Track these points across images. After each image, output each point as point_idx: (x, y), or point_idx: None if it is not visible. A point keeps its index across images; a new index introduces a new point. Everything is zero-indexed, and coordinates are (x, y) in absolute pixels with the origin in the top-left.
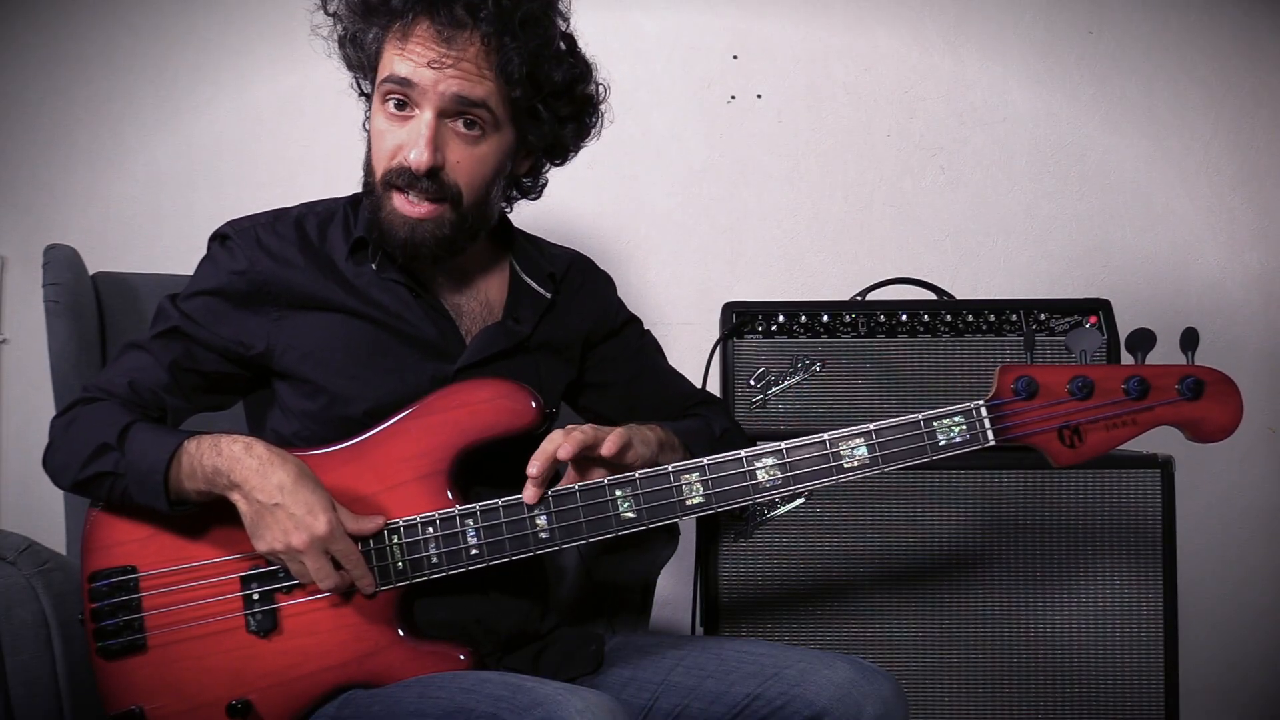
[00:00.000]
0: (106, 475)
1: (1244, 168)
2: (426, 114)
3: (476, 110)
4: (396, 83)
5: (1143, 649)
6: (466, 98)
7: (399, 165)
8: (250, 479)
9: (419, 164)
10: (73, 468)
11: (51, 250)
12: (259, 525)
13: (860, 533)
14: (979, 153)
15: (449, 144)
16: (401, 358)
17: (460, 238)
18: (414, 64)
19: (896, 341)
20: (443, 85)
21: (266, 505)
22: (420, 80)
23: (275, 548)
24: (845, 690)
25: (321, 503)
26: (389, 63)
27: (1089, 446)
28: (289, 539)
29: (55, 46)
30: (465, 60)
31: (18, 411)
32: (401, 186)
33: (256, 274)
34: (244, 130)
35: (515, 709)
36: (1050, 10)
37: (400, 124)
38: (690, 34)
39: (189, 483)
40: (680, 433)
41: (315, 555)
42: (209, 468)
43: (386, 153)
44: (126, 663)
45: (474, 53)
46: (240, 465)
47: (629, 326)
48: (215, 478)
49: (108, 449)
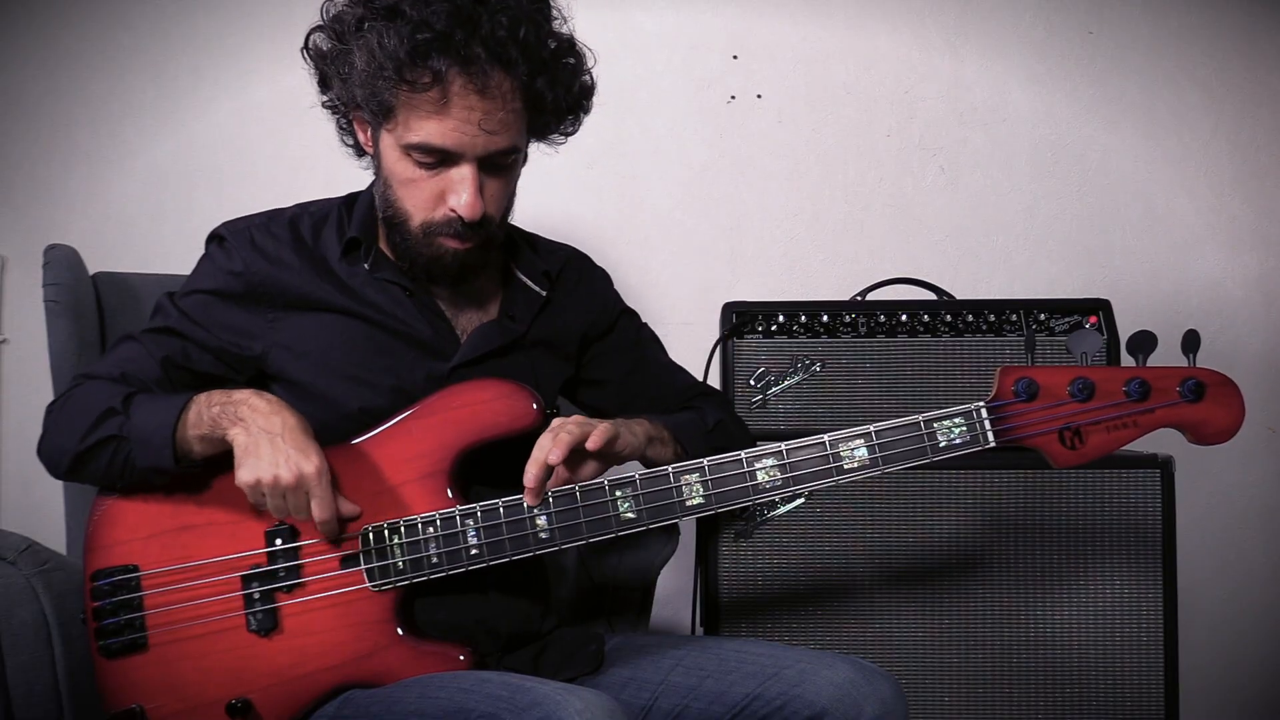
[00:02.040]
0: (109, 441)
1: (1244, 168)
2: (466, 169)
3: (513, 156)
4: (435, 151)
5: (1143, 649)
6: (507, 149)
7: (444, 217)
8: (257, 413)
9: (472, 216)
10: (74, 439)
11: (51, 250)
12: (251, 454)
13: (860, 533)
14: (979, 153)
15: (485, 185)
16: (397, 357)
17: (491, 253)
18: (456, 133)
19: (896, 341)
20: (483, 147)
21: (266, 434)
22: (462, 147)
23: (262, 477)
24: (845, 690)
25: (316, 449)
26: (420, 127)
27: (1090, 448)
28: (278, 470)
29: (55, 46)
30: (501, 112)
31: (18, 411)
32: (449, 234)
33: (252, 275)
34: (244, 130)
35: (515, 709)
36: (1050, 10)
37: (431, 175)
38: (690, 34)
39: (193, 431)
40: (671, 425)
41: (297, 493)
42: (216, 410)
43: (425, 202)
44: (127, 662)
45: (508, 97)
46: (249, 403)
47: (624, 319)
48: (221, 417)
49: (113, 413)
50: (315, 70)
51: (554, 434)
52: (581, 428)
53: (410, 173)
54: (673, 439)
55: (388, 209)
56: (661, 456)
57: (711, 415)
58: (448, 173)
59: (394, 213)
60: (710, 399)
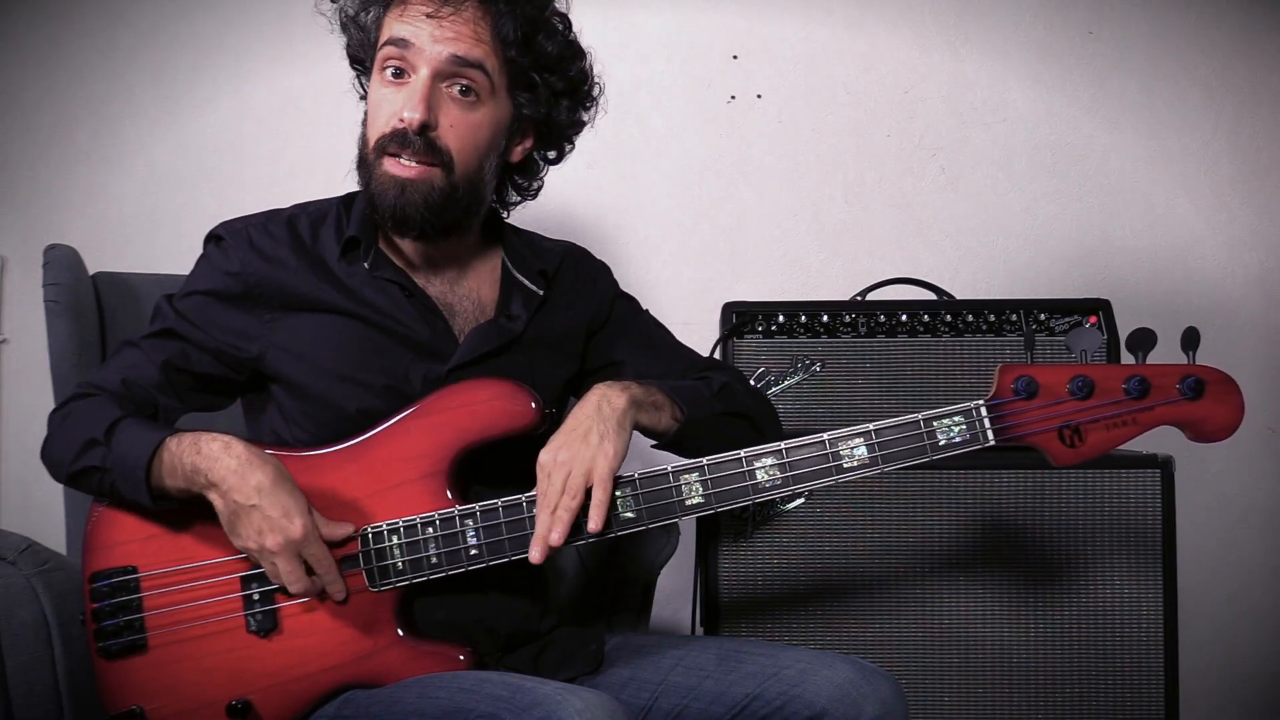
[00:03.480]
0: (94, 470)
1: (1244, 168)
2: (423, 72)
3: (472, 72)
4: (394, 44)
5: (1143, 649)
6: (463, 58)
7: (392, 129)
8: (228, 479)
9: (411, 120)
10: (65, 461)
11: (51, 250)
12: (235, 525)
13: (860, 533)
14: (979, 153)
15: (443, 106)
16: (394, 357)
17: (451, 209)
18: (411, 23)
19: (896, 341)
20: (439, 45)
21: (243, 505)
22: (417, 40)
23: (249, 547)
24: (845, 690)
25: (298, 506)
26: (388, 28)
27: (1089, 446)
28: (263, 540)
29: (55, 46)
30: (462, 21)
31: (18, 411)
32: (394, 151)
33: (249, 275)
34: (244, 130)
35: (515, 709)
36: (1050, 10)
37: (397, 89)
38: (690, 34)
39: (170, 480)
40: (670, 389)
41: (288, 558)
42: (188, 466)
43: (383, 119)
44: (127, 663)
45: (470, 15)
46: (218, 465)
47: (620, 302)
48: (194, 476)
49: (95, 444)
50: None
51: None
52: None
53: (378, 94)
54: (670, 401)
55: (360, 148)
56: (656, 423)
57: (718, 379)
58: (408, 86)
59: (362, 147)
60: (721, 370)
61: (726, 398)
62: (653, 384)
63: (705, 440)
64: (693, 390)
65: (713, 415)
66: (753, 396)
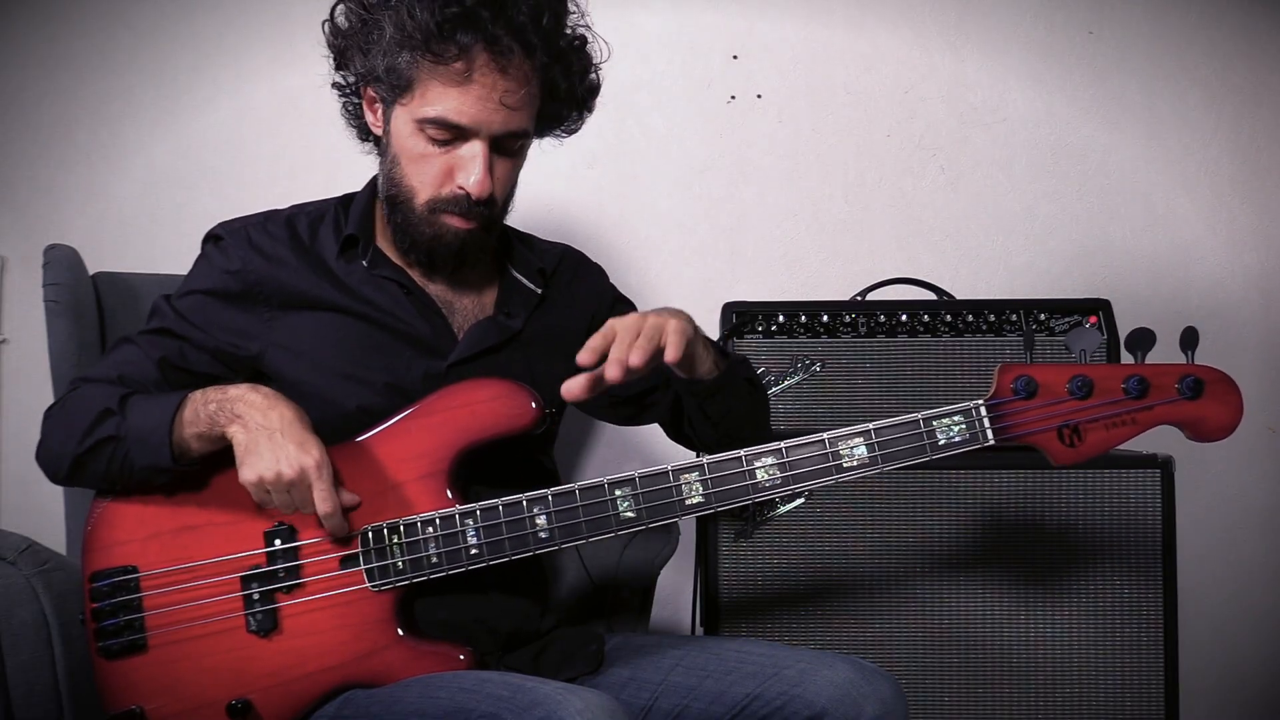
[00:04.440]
0: (108, 441)
1: (1244, 168)
2: (478, 145)
3: (523, 140)
4: (451, 126)
5: (1143, 650)
6: (519, 131)
7: (451, 194)
8: (252, 411)
9: (480, 194)
10: (73, 442)
11: (51, 250)
12: (252, 452)
13: (860, 533)
14: (979, 153)
15: (494, 166)
16: (393, 355)
17: (491, 239)
18: (475, 109)
19: (896, 341)
20: (500, 124)
21: (265, 430)
22: (478, 124)
23: (264, 475)
24: (845, 690)
25: (315, 441)
26: (439, 100)
27: (1089, 446)
28: (280, 466)
29: (55, 46)
30: (520, 92)
31: (18, 411)
32: (454, 211)
33: (249, 273)
34: (243, 130)
35: (515, 709)
36: (1050, 10)
37: (443, 151)
38: (690, 34)
39: (190, 429)
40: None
41: (301, 487)
42: (212, 408)
43: (433, 178)
44: (127, 663)
45: (526, 79)
46: (244, 399)
47: (619, 305)
48: (218, 414)
49: (109, 414)
50: (333, 47)
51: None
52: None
53: (421, 148)
54: (713, 349)
55: (392, 188)
56: (703, 364)
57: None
58: (458, 150)
59: (399, 191)
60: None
61: (746, 370)
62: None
63: (729, 403)
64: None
65: (741, 380)
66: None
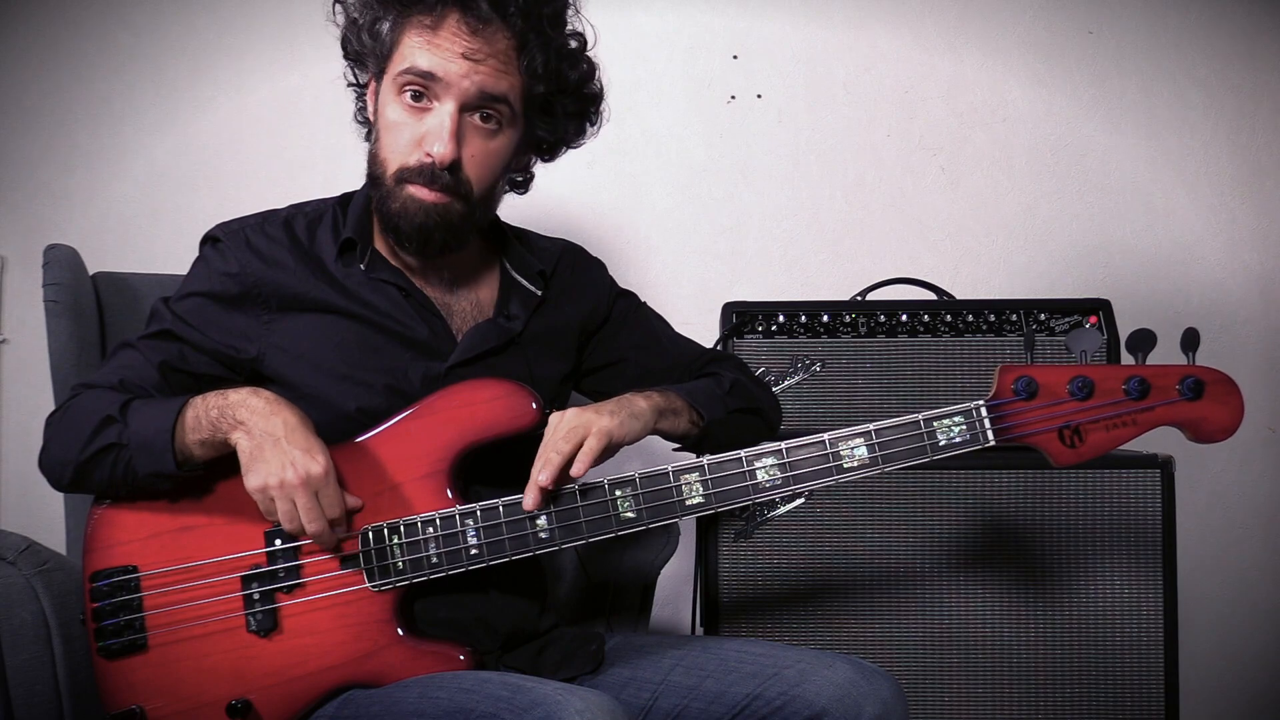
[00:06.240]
0: (110, 449)
1: (1244, 168)
2: (449, 106)
3: (497, 105)
4: (420, 75)
5: (1143, 649)
6: (491, 93)
7: (418, 162)
8: (255, 416)
9: (442, 157)
10: (74, 449)
11: (51, 250)
12: (257, 460)
13: (860, 533)
14: (979, 153)
15: (466, 136)
16: (393, 357)
17: (465, 231)
18: (442, 57)
19: (896, 341)
20: (470, 80)
21: (270, 437)
22: (447, 74)
23: (269, 482)
24: (845, 690)
25: (320, 447)
26: (411, 53)
27: (1089, 446)
28: (284, 474)
29: (55, 46)
30: (493, 55)
31: (18, 411)
32: (419, 181)
33: (247, 276)
34: (243, 130)
35: (515, 709)
36: (1050, 10)
37: (417, 115)
38: (690, 34)
39: (193, 435)
40: (685, 392)
41: (306, 495)
42: (214, 414)
43: (404, 146)
44: (127, 662)
45: (502, 47)
46: (246, 405)
47: (620, 300)
48: (220, 420)
49: (111, 421)
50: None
51: (544, 457)
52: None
53: (397, 115)
54: (688, 406)
55: (372, 164)
56: (676, 428)
57: (728, 377)
58: (428, 117)
59: (375, 165)
60: (725, 363)
61: (738, 394)
62: (671, 390)
63: (722, 438)
64: (706, 392)
65: (727, 414)
66: (759, 386)
